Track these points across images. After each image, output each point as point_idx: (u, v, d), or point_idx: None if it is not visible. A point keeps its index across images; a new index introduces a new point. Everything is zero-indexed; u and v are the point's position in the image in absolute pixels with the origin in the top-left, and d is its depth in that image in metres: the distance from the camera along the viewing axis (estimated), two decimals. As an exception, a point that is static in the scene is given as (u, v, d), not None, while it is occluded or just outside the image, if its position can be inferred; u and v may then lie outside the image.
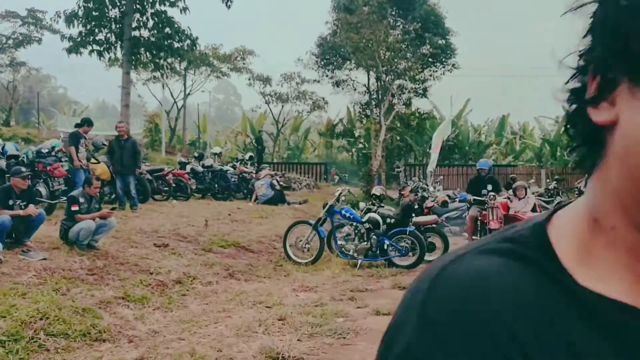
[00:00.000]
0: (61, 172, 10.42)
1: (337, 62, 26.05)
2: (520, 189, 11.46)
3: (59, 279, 6.91)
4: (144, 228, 10.11)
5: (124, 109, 23.94)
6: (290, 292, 8.02)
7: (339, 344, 5.93)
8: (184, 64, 32.15)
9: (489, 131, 40.37)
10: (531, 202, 11.37)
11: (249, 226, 11.90)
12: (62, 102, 52.03)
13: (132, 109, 40.81)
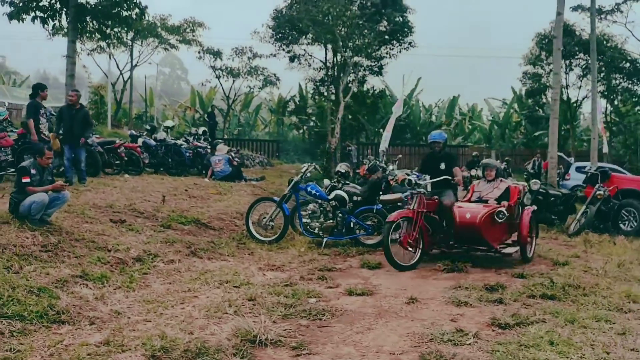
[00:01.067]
0: (7, 142, 9.72)
1: (294, 36, 25.54)
2: (489, 169, 9.49)
3: (10, 255, 6.39)
4: (98, 203, 9.58)
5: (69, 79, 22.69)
6: (256, 271, 7.73)
7: (315, 325, 5.70)
8: (131, 34, 30.94)
9: (440, 112, 40.78)
10: (502, 186, 9.27)
11: (207, 202, 11.50)
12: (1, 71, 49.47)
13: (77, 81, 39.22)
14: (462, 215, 8.37)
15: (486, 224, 8.26)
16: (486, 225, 8.26)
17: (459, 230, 8.34)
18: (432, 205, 8.45)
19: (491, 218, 8.34)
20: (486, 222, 8.27)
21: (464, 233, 8.34)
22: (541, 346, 4.99)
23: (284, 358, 4.82)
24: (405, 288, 7.15)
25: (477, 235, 8.24)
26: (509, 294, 6.78)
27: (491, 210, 8.40)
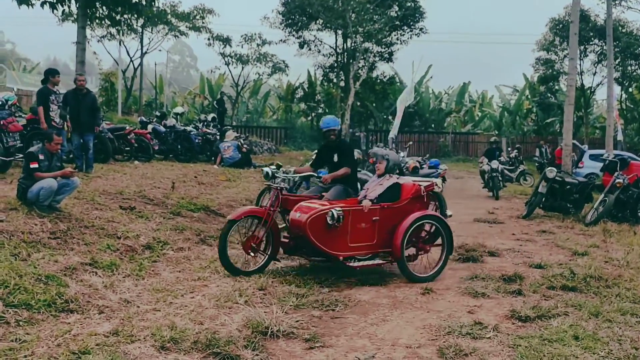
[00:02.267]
0: (16, 127, 9.57)
1: (303, 22, 25.24)
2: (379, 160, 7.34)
3: (18, 242, 6.26)
4: (108, 189, 9.45)
5: (79, 65, 22.59)
6: (267, 259, 7.57)
7: (328, 316, 5.56)
8: (141, 21, 30.72)
9: (450, 99, 40.39)
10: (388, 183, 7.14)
11: (217, 189, 11.35)
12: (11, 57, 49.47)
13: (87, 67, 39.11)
14: (294, 215, 6.56)
15: (316, 227, 6.37)
16: (316, 227, 6.36)
17: (291, 232, 6.73)
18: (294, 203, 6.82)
19: (323, 220, 6.41)
20: (316, 225, 6.37)
21: (297, 237, 6.63)
22: (565, 341, 4.81)
23: (296, 350, 4.67)
24: (420, 278, 6.97)
25: (307, 240, 6.42)
26: (527, 285, 6.59)
27: (323, 211, 6.42)
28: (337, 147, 7.58)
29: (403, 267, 6.81)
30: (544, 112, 36.28)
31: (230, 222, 6.58)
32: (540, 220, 11.52)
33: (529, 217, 11.78)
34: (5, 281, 5.14)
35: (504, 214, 12.37)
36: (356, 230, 6.64)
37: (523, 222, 11.41)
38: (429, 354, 4.61)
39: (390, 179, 7.19)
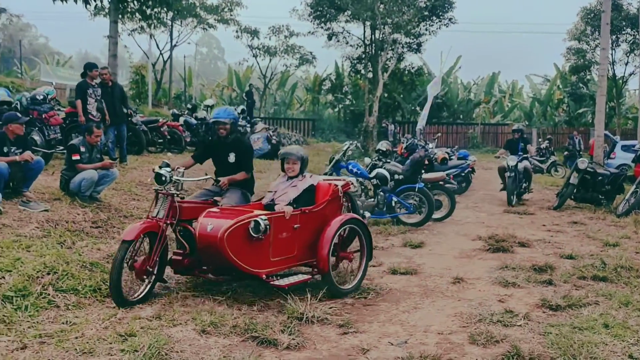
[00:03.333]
0: (57, 120, 9.90)
1: (332, 14, 25.31)
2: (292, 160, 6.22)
3: (62, 231, 6.55)
4: (143, 180, 9.72)
5: (111, 59, 23.03)
6: (300, 248, 7.74)
7: (361, 304, 5.71)
8: (171, 14, 31.09)
9: (479, 89, 40.06)
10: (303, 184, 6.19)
11: (248, 180, 11.53)
12: (44, 51, 50.46)
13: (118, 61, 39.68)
14: (203, 226, 5.30)
15: (235, 241, 5.20)
16: (235, 242, 5.20)
17: (199, 248, 5.40)
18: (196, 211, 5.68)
19: (245, 232, 5.28)
20: (235, 238, 5.20)
21: (206, 253, 5.40)
22: (595, 329, 4.88)
23: (331, 335, 4.83)
24: (450, 267, 7.08)
25: (222, 256, 5.20)
26: (558, 275, 6.65)
27: (244, 221, 5.28)
28: (234, 146, 6.37)
29: (330, 280, 5.80)
30: (576, 103, 35.78)
31: (125, 243, 5.14)
32: (571, 212, 11.49)
33: (560, 208, 11.75)
34: (54, 267, 5.39)
35: (534, 205, 12.35)
36: (277, 242, 5.56)
37: (554, 213, 11.38)
38: (461, 340, 4.73)
39: (305, 179, 6.17)
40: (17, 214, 6.73)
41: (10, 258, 5.44)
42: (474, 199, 13.67)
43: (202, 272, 5.66)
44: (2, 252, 5.61)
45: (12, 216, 6.62)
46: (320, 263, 5.79)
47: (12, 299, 4.82)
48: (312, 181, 6.20)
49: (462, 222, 10.26)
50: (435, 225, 9.83)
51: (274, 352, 4.40)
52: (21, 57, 32.94)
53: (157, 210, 5.50)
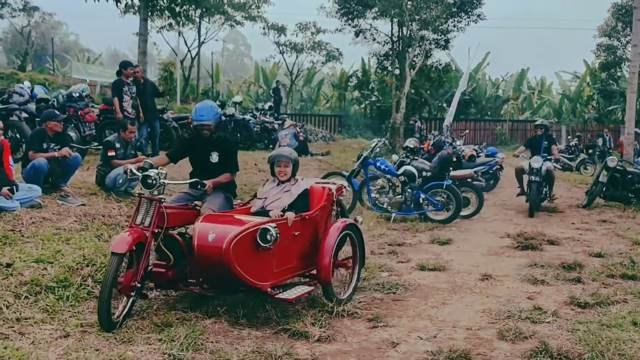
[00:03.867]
0: (92, 117, 10.16)
1: (359, 11, 25.34)
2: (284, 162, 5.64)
3: (99, 225, 6.76)
4: (174, 176, 9.87)
5: (141, 56, 23.47)
6: (328, 244, 7.84)
7: (390, 299, 5.80)
8: (199, 12, 31.43)
9: (507, 86, 39.67)
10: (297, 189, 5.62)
11: (277, 177, 11.68)
12: (75, 49, 51.34)
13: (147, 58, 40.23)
14: (203, 235, 4.70)
15: (241, 252, 4.65)
16: (241, 253, 4.66)
17: (197, 260, 4.77)
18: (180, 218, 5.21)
19: (251, 242, 4.75)
20: (241, 249, 4.65)
21: (205, 266, 4.78)
22: (624, 326, 4.90)
23: (360, 329, 4.94)
24: (478, 264, 7.13)
25: (226, 269, 4.62)
26: (587, 273, 6.66)
27: (251, 229, 4.75)
28: (218, 145, 5.68)
29: (331, 292, 5.40)
30: (606, 100, 35.24)
31: (117, 255, 4.46)
32: (600, 210, 11.40)
33: (590, 206, 11.66)
34: (92, 260, 5.59)
35: (563, 204, 12.26)
36: (280, 251, 5.03)
37: (583, 212, 11.31)
38: (489, 336, 4.80)
39: (298, 183, 5.65)
40: (56, 208, 6.97)
41: (51, 250, 5.64)
42: (502, 196, 13.63)
43: (187, 286, 5.07)
44: (43, 245, 5.82)
45: (52, 210, 6.85)
46: (321, 273, 5.34)
47: (55, 290, 5.01)
48: (306, 185, 5.70)
49: (490, 220, 10.27)
50: (463, 223, 9.85)
51: (305, 344, 4.52)
52: (53, 55, 33.60)
53: (142, 217, 4.81)
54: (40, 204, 6.79)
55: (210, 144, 5.65)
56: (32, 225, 6.32)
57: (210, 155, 5.64)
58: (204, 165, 5.66)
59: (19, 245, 5.72)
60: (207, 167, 5.63)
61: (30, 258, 5.40)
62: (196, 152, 5.74)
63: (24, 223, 6.30)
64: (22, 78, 21.23)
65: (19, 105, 9.33)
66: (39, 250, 5.61)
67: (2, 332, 4.31)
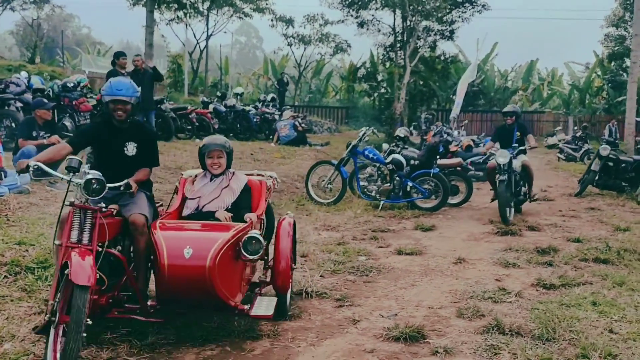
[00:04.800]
0: (87, 107, 10.42)
1: (362, 2, 25.39)
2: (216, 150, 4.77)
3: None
4: (168, 165, 10.16)
5: (147, 48, 23.82)
6: (312, 230, 8.04)
7: (362, 280, 5.97)
8: (207, 4, 31.67)
9: (516, 77, 39.48)
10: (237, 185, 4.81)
11: (270, 166, 11.90)
12: (87, 41, 51.85)
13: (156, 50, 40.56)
14: (175, 251, 3.89)
15: (224, 267, 3.95)
16: (224, 268, 3.94)
17: (169, 282, 3.91)
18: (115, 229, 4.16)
19: (232, 254, 4.06)
20: (224, 263, 3.95)
21: (179, 288, 3.94)
22: (583, 306, 5.04)
23: (327, 308, 5.12)
24: (455, 249, 7.26)
25: (207, 290, 3.89)
26: (560, 257, 6.78)
27: (233, 239, 4.04)
28: (134, 134, 4.50)
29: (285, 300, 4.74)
30: (615, 90, 34.97)
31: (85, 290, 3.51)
32: (592, 198, 11.46)
33: (581, 195, 11.72)
34: (72, 242, 5.80)
35: (556, 192, 12.34)
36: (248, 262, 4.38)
37: (574, 200, 11.38)
38: (448, 314, 4.96)
39: (235, 177, 4.84)
40: (45, 194, 7.21)
41: (34, 233, 5.87)
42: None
43: (125, 312, 4.23)
44: (28, 228, 6.05)
45: (40, 196, 7.10)
46: (279, 280, 4.65)
47: (34, 270, 5.23)
48: (245, 179, 4.90)
49: (479, 208, 10.38)
50: (451, 210, 9.98)
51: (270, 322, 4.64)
52: (63, 47, 33.99)
53: (76, 232, 3.79)
54: (28, 190, 7.01)
55: (125, 131, 4.43)
56: (19, 210, 6.56)
57: (125, 147, 4.43)
58: (115, 157, 4.35)
59: (3, 228, 5.95)
60: (119, 160, 4.34)
61: (12, 240, 5.63)
62: (105, 141, 4.40)
63: (10, 208, 6.55)
64: (30, 70, 21.63)
65: (15, 95, 9.60)
66: (22, 234, 5.83)
67: (-21, 310, 4.53)
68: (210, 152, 4.73)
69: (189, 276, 3.88)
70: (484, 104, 37.10)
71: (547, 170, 17.15)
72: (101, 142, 4.46)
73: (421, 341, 4.37)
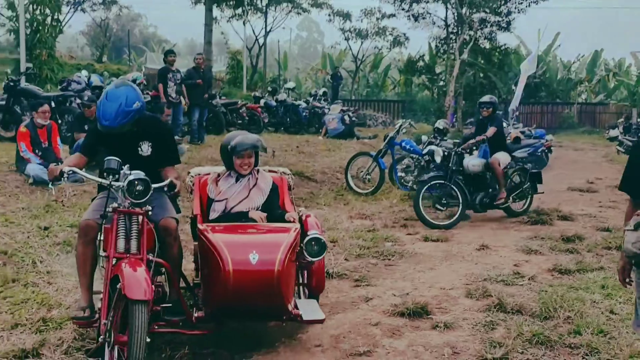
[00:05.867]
0: (137, 102, 11.11)
1: (416, -6, 25.46)
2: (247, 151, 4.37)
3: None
4: (216, 157, 10.68)
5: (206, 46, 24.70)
6: (346, 218, 8.40)
7: (383, 264, 6.29)
8: (265, 1, 32.43)
9: (580, 67, 38.37)
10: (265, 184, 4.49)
11: (315, 158, 12.31)
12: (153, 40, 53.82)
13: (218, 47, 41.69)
14: (240, 258, 3.66)
15: (288, 272, 3.82)
16: (287, 273, 3.79)
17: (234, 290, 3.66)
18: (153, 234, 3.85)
19: (293, 256, 3.91)
20: (289, 268, 3.82)
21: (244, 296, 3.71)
22: (590, 289, 5.22)
23: (344, 287, 5.49)
24: (482, 237, 7.45)
25: (273, 296, 3.74)
26: (584, 245, 6.89)
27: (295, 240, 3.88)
28: (148, 132, 4.11)
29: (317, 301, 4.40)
30: (686, 80, 33.55)
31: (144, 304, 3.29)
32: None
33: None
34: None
35: (603, 184, 12.18)
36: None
37: (619, 192, 11.19)
38: (458, 294, 5.25)
39: (261, 176, 4.53)
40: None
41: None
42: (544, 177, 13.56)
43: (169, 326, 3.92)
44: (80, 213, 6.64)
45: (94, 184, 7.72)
46: (313, 280, 4.43)
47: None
48: (269, 176, 4.62)
49: (517, 198, 10.44)
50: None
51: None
52: (129, 46, 35.53)
53: (123, 241, 3.60)
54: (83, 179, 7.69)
55: (136, 131, 4.01)
56: (73, 197, 7.25)
57: (139, 147, 4.08)
58: (130, 161, 3.77)
59: (59, 212, 6.63)
60: (133, 163, 3.78)
61: (66, 223, 6.27)
62: (115, 144, 3.93)
63: (66, 195, 7.24)
64: (97, 69, 22.93)
65: (76, 92, 10.40)
66: (75, 218, 6.47)
67: (34, 281, 5.14)
68: (241, 154, 4.32)
69: (257, 283, 3.65)
70: (546, 96, 36.28)
71: (602, 162, 16.83)
72: (111, 145, 3.92)
73: (425, 317, 4.68)
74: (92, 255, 3.87)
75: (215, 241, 3.71)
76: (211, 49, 25.77)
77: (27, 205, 6.89)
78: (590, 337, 4.16)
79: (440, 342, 4.21)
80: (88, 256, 3.85)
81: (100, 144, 4.06)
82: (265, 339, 4.20)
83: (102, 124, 3.84)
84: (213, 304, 3.86)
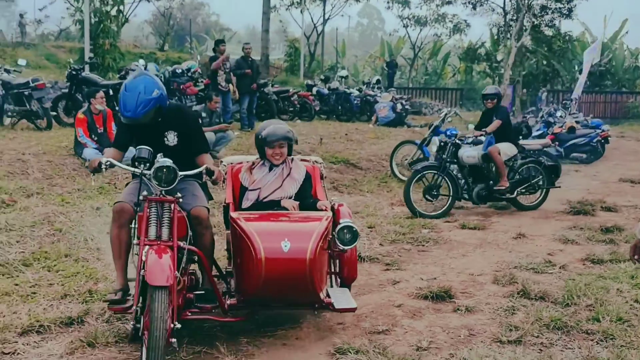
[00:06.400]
0: (192, 91, 11.59)
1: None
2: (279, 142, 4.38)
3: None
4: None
5: (264, 33, 25.19)
6: (387, 205, 8.57)
7: (416, 250, 6.45)
8: (324, -12, 32.63)
9: (649, 55, 36.76)
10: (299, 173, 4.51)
11: (362, 145, 12.47)
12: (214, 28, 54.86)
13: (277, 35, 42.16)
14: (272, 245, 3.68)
15: (320, 260, 3.82)
16: (319, 262, 3.80)
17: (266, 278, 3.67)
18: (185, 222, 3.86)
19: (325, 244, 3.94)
20: (321, 256, 3.82)
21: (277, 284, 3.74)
22: (619, 278, 5.22)
23: (374, 271, 5.69)
24: (521, 225, 7.47)
25: (306, 284, 3.75)
26: (622, 236, 6.82)
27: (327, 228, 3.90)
28: (173, 121, 4.10)
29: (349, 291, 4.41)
30: None
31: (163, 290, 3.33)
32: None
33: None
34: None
35: (659, 176, 11.84)
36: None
37: (673, 184, 10.92)
38: (485, 280, 5.36)
39: (295, 165, 4.54)
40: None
41: (136, 198, 6.94)
42: (599, 168, 13.36)
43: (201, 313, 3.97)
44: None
45: (145, 167, 8.22)
46: (345, 270, 4.44)
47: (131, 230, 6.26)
48: (303, 166, 4.64)
49: (565, 189, 10.28)
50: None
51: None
52: (191, 34, 36.39)
53: (154, 228, 3.65)
54: None
55: (162, 121, 4.01)
56: (125, 179, 7.69)
57: (165, 137, 4.07)
58: (158, 151, 3.77)
59: (111, 194, 7.09)
60: (162, 153, 3.77)
61: (118, 203, 6.69)
62: (144, 135, 3.97)
63: (119, 178, 7.71)
64: (159, 57, 23.73)
65: (133, 80, 10.92)
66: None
67: (84, 257, 5.58)
68: (272, 145, 4.33)
69: (289, 271, 3.69)
70: (611, 85, 35.00)
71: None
72: (138, 137, 3.99)
73: (447, 300, 4.83)
74: (126, 238, 3.94)
75: (248, 229, 3.73)
76: (268, 37, 26.25)
77: (82, 187, 7.42)
78: (608, 324, 4.21)
79: (459, 325, 4.36)
80: (122, 239, 3.93)
81: (130, 137, 4.12)
82: (290, 316, 4.45)
83: (125, 116, 3.87)
84: (245, 291, 3.91)
